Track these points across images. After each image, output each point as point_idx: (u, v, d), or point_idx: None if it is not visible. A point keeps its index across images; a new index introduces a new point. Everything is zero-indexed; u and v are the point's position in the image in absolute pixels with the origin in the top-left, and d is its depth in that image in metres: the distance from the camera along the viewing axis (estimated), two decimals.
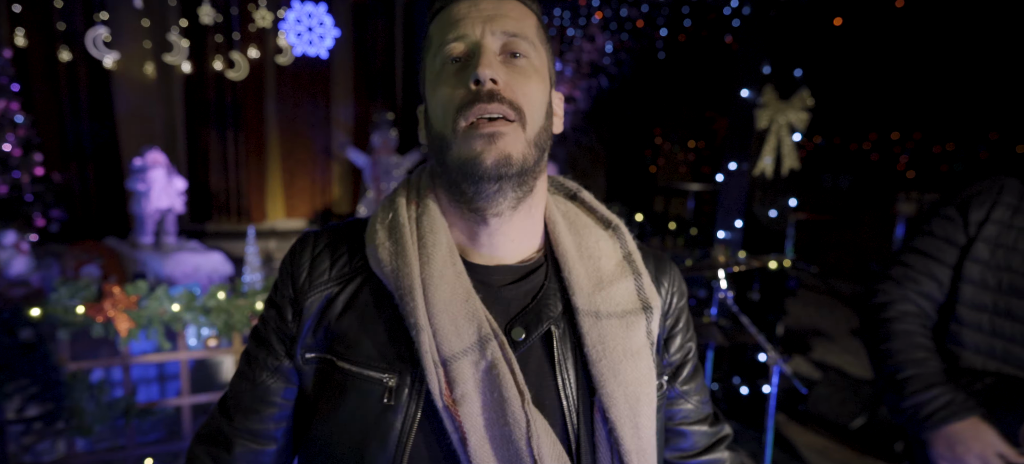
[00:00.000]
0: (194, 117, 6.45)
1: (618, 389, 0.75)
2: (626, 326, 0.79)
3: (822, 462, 3.43)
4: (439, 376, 0.70)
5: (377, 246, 0.77)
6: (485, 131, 0.71)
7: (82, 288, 2.27)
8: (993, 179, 1.40)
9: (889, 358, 1.37)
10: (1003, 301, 1.32)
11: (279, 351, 0.80)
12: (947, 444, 1.25)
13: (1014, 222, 1.32)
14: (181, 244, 5.07)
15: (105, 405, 2.31)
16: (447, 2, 0.79)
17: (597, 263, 0.82)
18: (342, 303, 0.78)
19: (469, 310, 0.73)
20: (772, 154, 3.70)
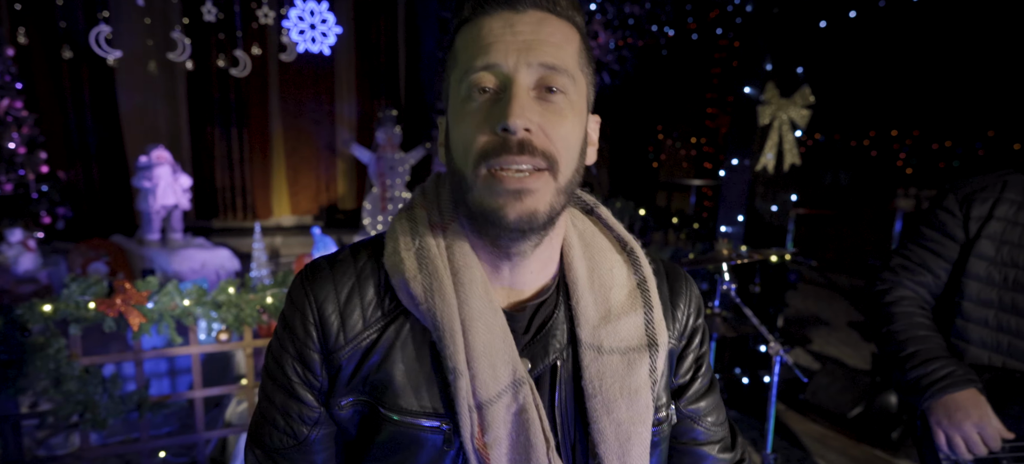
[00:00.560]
0: (198, 114, 6.48)
1: (610, 427, 0.74)
2: (627, 364, 0.76)
3: (821, 450, 3.48)
4: (473, 420, 0.69)
5: (408, 280, 0.71)
6: (511, 187, 0.65)
7: (93, 284, 2.30)
8: (997, 175, 1.42)
9: (892, 338, 1.42)
10: (1008, 297, 1.34)
11: (313, 403, 0.76)
12: (945, 412, 1.29)
13: (1019, 218, 1.34)
14: (188, 240, 5.11)
15: (118, 399, 2.35)
16: (478, 12, 0.69)
17: (607, 293, 0.79)
18: (380, 352, 0.73)
19: (506, 353, 0.71)
20: (774, 150, 3.74)
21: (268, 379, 0.78)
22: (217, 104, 6.49)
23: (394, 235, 0.76)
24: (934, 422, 1.32)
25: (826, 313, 6.35)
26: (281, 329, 0.77)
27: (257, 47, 6.37)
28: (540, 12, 0.68)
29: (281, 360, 0.76)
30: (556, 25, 0.69)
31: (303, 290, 0.75)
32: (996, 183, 1.39)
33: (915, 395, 1.35)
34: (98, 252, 4.56)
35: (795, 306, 6.37)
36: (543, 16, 0.68)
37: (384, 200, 6.03)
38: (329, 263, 0.77)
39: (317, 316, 0.74)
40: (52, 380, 2.22)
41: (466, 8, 0.70)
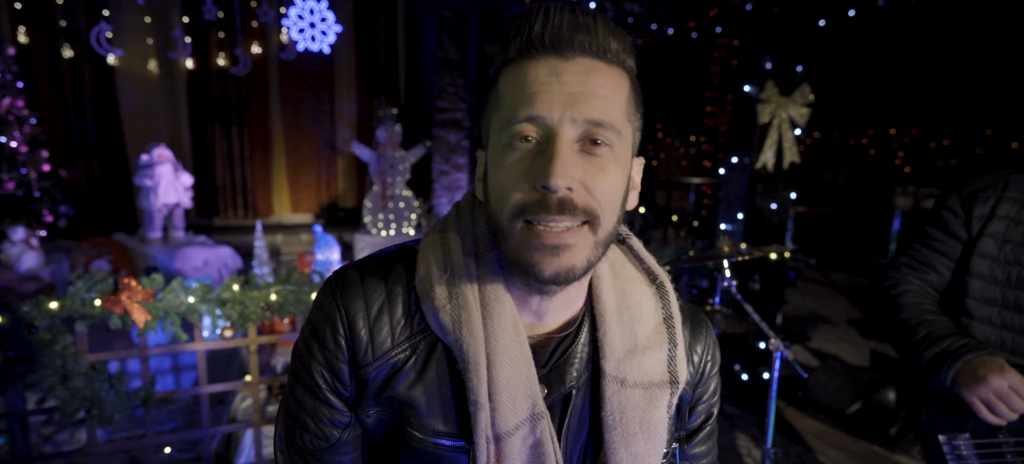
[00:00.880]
0: (198, 113, 6.49)
1: (626, 460, 0.75)
2: (649, 399, 0.77)
3: (820, 446, 3.51)
4: (490, 451, 0.70)
5: (437, 309, 0.72)
6: (549, 242, 0.64)
7: (98, 281, 2.32)
8: (999, 174, 1.43)
9: (904, 326, 1.42)
10: (1012, 295, 1.35)
11: (342, 408, 0.77)
12: (971, 375, 1.26)
13: (1021, 217, 1.35)
14: (189, 239, 5.13)
15: (124, 395, 2.37)
16: (524, 54, 0.66)
17: (634, 326, 0.78)
18: (408, 375, 0.73)
19: (527, 388, 0.71)
20: (773, 148, 3.76)
21: (297, 383, 0.78)
22: (217, 103, 6.50)
23: (426, 259, 0.75)
24: (965, 392, 1.27)
25: (825, 310, 6.38)
26: (309, 335, 0.77)
27: (257, 45, 6.38)
28: (589, 59, 0.65)
29: (310, 367, 0.76)
30: (605, 75, 0.66)
31: (334, 300, 0.75)
32: (998, 182, 1.40)
33: (936, 371, 1.32)
34: (100, 250, 4.57)
35: (794, 303, 6.40)
36: (592, 64, 0.65)
37: (385, 198, 6.05)
38: (359, 274, 0.77)
39: (347, 329, 0.74)
40: (59, 377, 2.24)
41: (512, 49, 0.67)
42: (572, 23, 0.64)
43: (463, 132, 7.12)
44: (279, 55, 6.62)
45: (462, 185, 7.26)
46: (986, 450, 1.32)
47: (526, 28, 0.65)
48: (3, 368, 2.12)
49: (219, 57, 6.30)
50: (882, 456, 3.39)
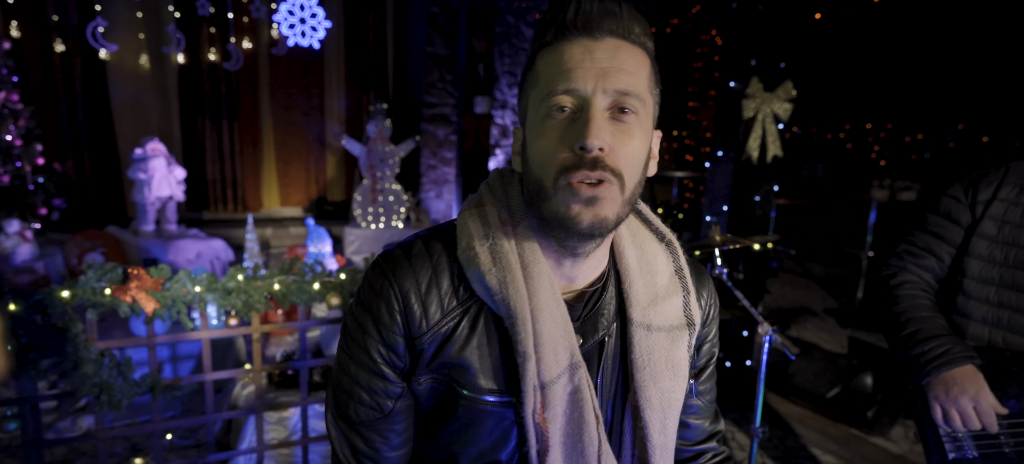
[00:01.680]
0: (189, 107, 6.48)
1: (656, 395, 0.84)
2: (671, 340, 0.87)
3: (801, 429, 3.67)
4: (536, 398, 0.78)
5: (483, 273, 0.79)
6: (585, 195, 0.72)
7: (108, 271, 2.38)
8: (1000, 164, 1.49)
9: (895, 319, 1.48)
10: (1009, 274, 1.40)
11: (396, 380, 0.84)
12: (943, 387, 1.35)
13: (1019, 200, 1.41)
14: (182, 231, 5.15)
15: (132, 382, 2.43)
16: (559, 37, 0.75)
17: (653, 278, 0.88)
18: (459, 340, 0.81)
19: (566, 339, 0.80)
20: (757, 142, 3.90)
21: (350, 360, 0.85)
22: (208, 97, 6.50)
23: (466, 230, 0.83)
24: (932, 397, 1.37)
25: (803, 300, 6.58)
26: (361, 313, 0.84)
27: (248, 41, 6.39)
28: (616, 40, 0.74)
29: (365, 343, 0.83)
30: (630, 52, 0.74)
31: (386, 279, 0.82)
32: (999, 169, 1.48)
33: (915, 371, 1.41)
34: (94, 243, 4.58)
35: (775, 293, 6.60)
36: (618, 44, 0.74)
37: (375, 192, 6.11)
38: (405, 254, 0.84)
39: (401, 304, 0.80)
40: (71, 364, 2.30)
41: (548, 33, 0.76)
42: (601, 9, 0.73)
43: (451, 127, 7.19)
44: (270, 50, 6.64)
45: (450, 179, 7.33)
46: (981, 433, 1.39)
47: (561, 15, 0.74)
48: (16, 355, 2.17)
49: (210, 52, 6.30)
50: (859, 438, 3.55)
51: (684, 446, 1.00)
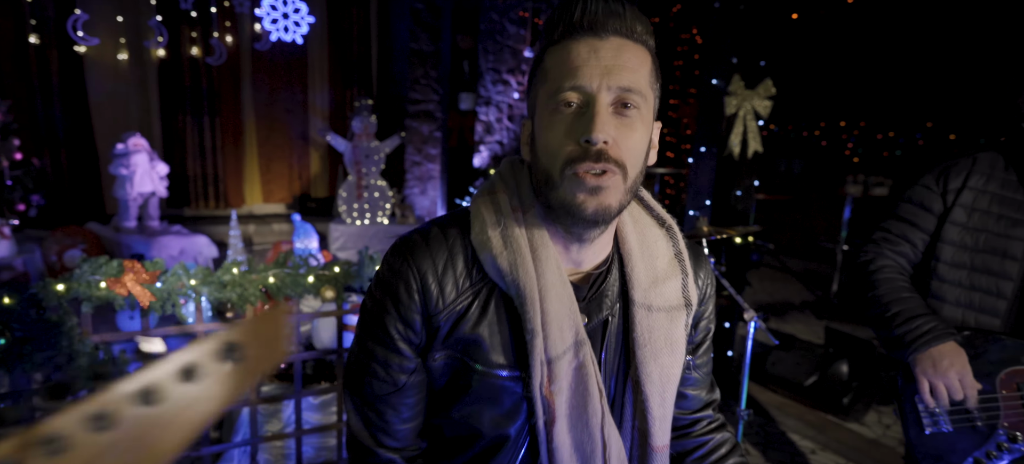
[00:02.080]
0: (169, 103, 6.39)
1: (656, 371, 0.90)
2: (670, 320, 0.92)
3: (780, 416, 3.80)
4: (543, 373, 0.84)
5: (495, 256, 0.85)
6: (590, 184, 0.78)
7: (103, 264, 2.38)
8: (968, 155, 1.58)
9: (877, 302, 1.55)
10: (980, 259, 1.49)
11: (411, 355, 0.89)
12: (932, 363, 1.43)
13: (987, 187, 1.50)
14: (165, 228, 5.10)
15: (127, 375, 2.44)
16: (567, 36, 0.80)
17: (654, 261, 0.94)
18: (472, 318, 0.86)
19: (571, 318, 0.85)
20: (739, 138, 4.01)
21: (368, 337, 0.91)
22: (189, 93, 6.42)
23: (480, 216, 0.89)
24: (920, 373, 1.44)
25: (782, 293, 6.76)
26: (381, 294, 0.89)
27: (230, 36, 6.33)
28: (620, 39, 0.79)
29: (383, 320, 0.88)
30: (633, 50, 0.79)
31: (405, 261, 0.87)
32: (968, 159, 1.56)
33: (901, 350, 1.48)
34: (74, 239, 4.52)
35: (755, 287, 6.76)
36: (622, 43, 0.79)
37: (360, 188, 6.11)
38: (423, 238, 0.89)
39: (420, 284, 0.86)
40: (65, 357, 2.30)
41: (556, 32, 0.81)
42: (606, 9, 0.78)
43: (436, 123, 7.20)
44: (253, 46, 6.58)
45: (434, 176, 7.35)
46: (956, 409, 1.47)
47: (568, 14, 0.79)
48: (11, 347, 2.17)
49: (192, 47, 6.23)
50: (835, 424, 3.69)
51: (682, 415, 1.07)
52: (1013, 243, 1.45)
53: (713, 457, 1.06)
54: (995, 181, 1.50)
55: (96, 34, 5.24)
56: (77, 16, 4.34)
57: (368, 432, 0.93)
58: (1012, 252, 1.45)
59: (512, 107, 7.61)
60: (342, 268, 2.84)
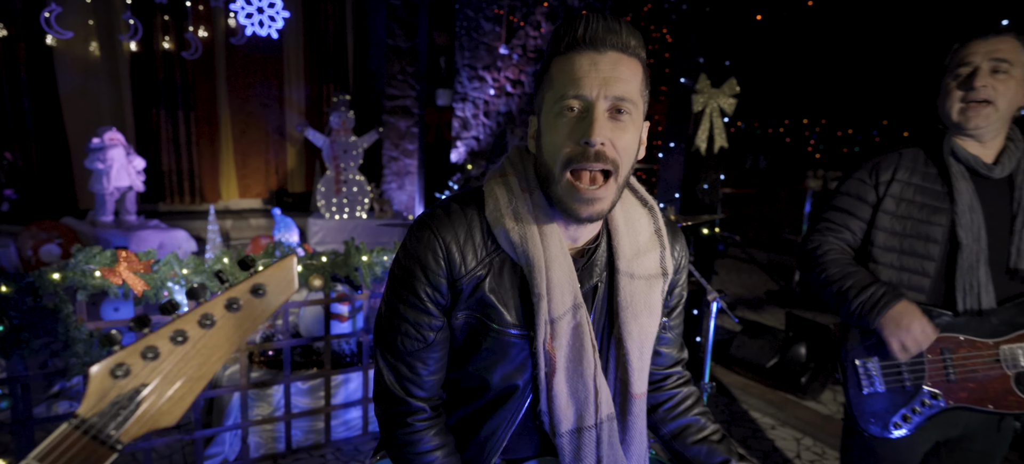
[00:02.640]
0: (142, 97, 6.34)
1: (636, 330, 1.05)
2: (649, 286, 1.06)
3: (743, 396, 4.03)
4: (547, 331, 0.99)
5: (508, 231, 0.98)
6: (586, 196, 0.91)
7: (97, 254, 2.45)
8: (895, 150, 1.76)
9: (830, 281, 1.70)
10: (907, 243, 1.66)
11: (438, 315, 1.03)
12: (895, 322, 1.56)
13: (912, 180, 1.68)
14: (143, 222, 5.10)
15: None
16: (571, 49, 0.91)
17: (637, 237, 1.08)
18: (489, 284, 1.00)
19: (570, 285, 0.99)
20: (705, 134, 4.22)
21: (399, 300, 1.03)
22: (162, 86, 6.38)
23: (494, 195, 1.02)
24: (888, 335, 1.57)
25: (747, 283, 7.06)
26: (410, 263, 1.01)
27: (204, 30, 6.32)
28: (616, 53, 0.91)
29: (413, 285, 1.01)
30: (627, 63, 0.91)
31: (432, 233, 1.00)
32: (895, 154, 1.74)
33: (863, 318, 1.62)
34: (50, 234, 4.51)
35: (723, 278, 7.05)
36: (618, 57, 0.91)
37: (338, 182, 6.17)
38: (445, 213, 1.02)
39: (445, 253, 0.99)
40: (61, 343, 2.36)
41: (562, 44, 0.93)
42: (605, 27, 0.90)
43: (413, 119, 7.29)
44: (228, 40, 6.56)
45: (412, 171, 7.43)
46: (889, 369, 1.67)
47: (573, 31, 0.91)
48: (8, 335, 2.23)
49: (165, 40, 6.19)
50: (794, 402, 3.93)
51: (656, 370, 1.23)
52: (933, 228, 1.64)
53: (681, 407, 1.23)
54: (918, 174, 1.69)
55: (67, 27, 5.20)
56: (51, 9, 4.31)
57: (400, 385, 1.06)
58: (933, 236, 1.64)
59: (488, 103, 7.74)
60: (329, 258, 2.95)
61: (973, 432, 1.72)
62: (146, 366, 0.64)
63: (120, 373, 0.63)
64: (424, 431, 1.06)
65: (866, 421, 1.70)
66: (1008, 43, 1.52)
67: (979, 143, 1.62)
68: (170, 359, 0.65)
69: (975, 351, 1.59)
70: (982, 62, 1.53)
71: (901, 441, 1.68)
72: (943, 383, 1.61)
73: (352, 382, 3.19)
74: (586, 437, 1.03)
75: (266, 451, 3.02)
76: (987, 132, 1.59)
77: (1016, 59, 1.52)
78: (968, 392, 1.60)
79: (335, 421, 3.16)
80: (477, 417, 1.09)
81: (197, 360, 0.67)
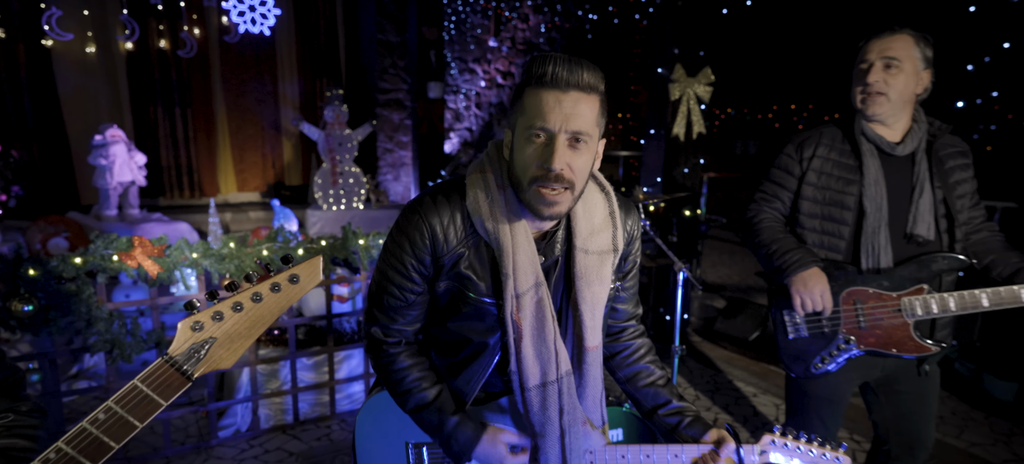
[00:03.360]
0: (139, 95, 6.49)
1: (589, 296, 1.25)
2: (601, 261, 1.26)
3: (729, 369, 4.25)
4: (513, 304, 1.19)
5: (483, 219, 1.18)
6: (548, 198, 1.11)
7: (114, 240, 2.63)
8: (816, 129, 2.00)
9: (762, 244, 1.96)
10: (826, 210, 1.92)
11: (419, 281, 1.24)
12: (802, 282, 1.82)
13: (830, 155, 1.92)
14: (145, 215, 5.27)
15: (140, 338, 2.70)
16: (540, 86, 1.09)
17: (592, 218, 1.27)
18: (466, 261, 1.20)
19: (533, 266, 1.20)
20: (683, 121, 4.42)
21: (389, 268, 1.25)
22: (159, 84, 6.52)
23: (474, 189, 1.21)
24: (794, 291, 1.84)
25: (732, 263, 7.29)
26: (400, 238, 1.22)
27: (198, 28, 6.46)
28: (577, 93, 1.09)
29: (402, 258, 1.22)
30: (586, 100, 1.10)
31: (420, 216, 1.20)
32: (816, 133, 1.98)
33: (780, 275, 1.88)
34: (57, 228, 4.66)
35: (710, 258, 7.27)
36: (579, 96, 1.09)
37: (335, 174, 6.34)
38: (432, 200, 1.22)
39: (430, 233, 1.20)
40: (84, 322, 2.55)
41: (532, 80, 1.11)
42: (567, 70, 1.09)
43: (405, 111, 7.45)
44: (222, 38, 6.71)
45: (407, 162, 7.61)
46: (811, 318, 1.91)
47: (542, 71, 1.10)
48: (37, 314, 2.41)
49: (160, 39, 6.33)
50: (776, 372, 4.15)
51: (614, 323, 1.45)
52: (847, 197, 1.88)
53: (634, 356, 1.44)
54: (835, 150, 1.93)
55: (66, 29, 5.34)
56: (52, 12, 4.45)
57: (381, 330, 1.30)
58: (847, 204, 1.88)
59: (479, 95, 7.91)
60: (328, 242, 3.14)
61: (895, 375, 1.97)
62: (215, 325, 0.88)
63: (197, 328, 0.87)
64: (398, 355, 1.30)
65: (791, 363, 1.95)
66: (900, 41, 1.77)
67: (884, 125, 1.85)
68: (230, 322, 0.89)
69: (881, 302, 1.84)
70: (876, 59, 1.80)
71: (826, 379, 1.94)
72: (855, 330, 1.86)
73: (354, 358, 3.39)
74: (550, 390, 1.24)
75: (275, 423, 3.22)
76: (886, 117, 1.83)
77: (906, 55, 1.77)
78: (875, 338, 1.85)
79: (339, 395, 3.36)
80: (456, 368, 1.31)
81: (248, 325, 0.91)
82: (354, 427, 1.39)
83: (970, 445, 3.24)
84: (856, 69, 1.88)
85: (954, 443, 3.23)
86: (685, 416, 1.35)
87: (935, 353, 1.85)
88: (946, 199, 1.87)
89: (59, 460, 0.76)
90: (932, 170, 1.87)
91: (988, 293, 1.77)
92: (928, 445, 2.05)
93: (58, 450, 0.76)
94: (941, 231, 1.88)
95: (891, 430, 2.05)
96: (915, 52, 1.80)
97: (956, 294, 1.78)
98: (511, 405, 1.31)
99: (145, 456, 2.91)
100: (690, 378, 4.13)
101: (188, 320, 0.85)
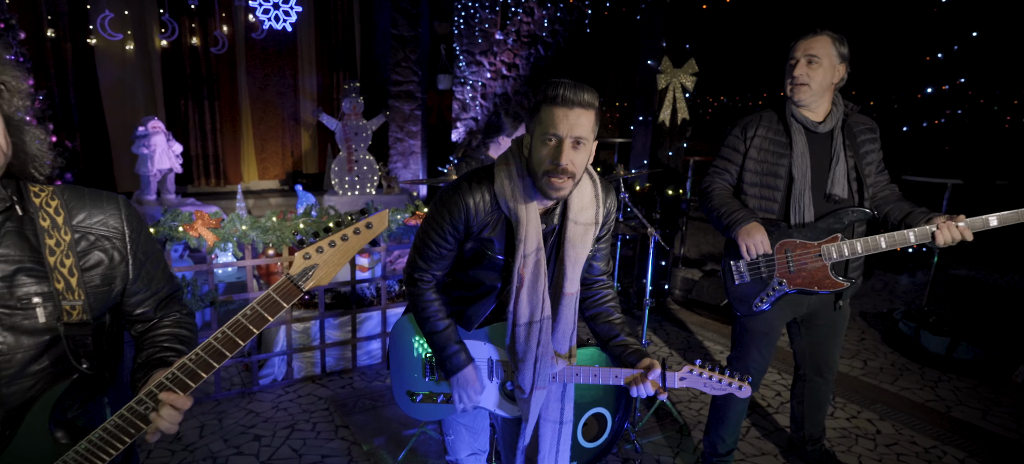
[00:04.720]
0: (172, 89, 7.03)
1: (573, 254, 1.65)
2: (585, 230, 1.65)
3: (702, 332, 4.74)
4: (521, 261, 1.60)
5: (507, 199, 1.57)
6: (557, 185, 1.48)
7: (178, 214, 3.16)
8: (758, 112, 2.43)
9: (713, 209, 2.39)
10: (763, 179, 2.35)
11: (452, 243, 1.65)
12: (746, 232, 2.25)
13: (767, 134, 2.35)
14: (180, 200, 5.82)
15: (198, 298, 3.23)
16: (552, 104, 1.45)
17: (582, 198, 1.64)
18: (489, 229, 1.60)
19: (537, 236, 1.59)
20: (669, 108, 4.89)
21: (431, 230, 1.65)
22: (190, 79, 7.06)
23: (500, 175, 1.59)
24: (740, 241, 2.27)
25: (711, 241, 7.75)
26: (442, 210, 1.62)
27: (227, 25, 6.98)
28: (580, 110, 1.44)
29: (441, 224, 1.62)
30: (586, 115, 1.46)
31: (459, 195, 1.60)
32: (757, 116, 2.41)
33: (728, 230, 2.31)
34: None
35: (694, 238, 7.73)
36: (581, 111, 1.44)
37: (350, 162, 6.86)
38: (468, 184, 1.61)
39: (466, 209, 1.60)
40: None
41: (547, 99, 1.47)
42: (573, 91, 1.45)
43: (416, 102, 7.94)
44: (249, 34, 7.23)
45: (416, 151, 8.11)
46: (752, 266, 2.37)
47: (555, 92, 1.45)
48: None
49: (193, 37, 6.87)
50: None
51: (589, 276, 1.91)
52: (780, 168, 2.33)
53: (601, 301, 1.90)
54: (772, 130, 2.36)
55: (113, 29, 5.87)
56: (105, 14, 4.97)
57: (417, 271, 1.78)
58: (780, 173, 2.33)
59: (486, 86, 8.39)
60: (353, 216, 3.66)
61: (817, 311, 2.45)
62: (318, 256, 1.20)
63: (307, 257, 1.19)
64: (426, 291, 1.78)
65: (737, 304, 2.43)
66: (820, 41, 2.22)
67: (808, 109, 2.31)
68: (328, 253, 1.20)
69: (806, 250, 2.30)
70: (801, 56, 2.24)
71: (764, 316, 2.40)
72: (787, 273, 2.32)
73: (373, 319, 3.92)
74: (533, 328, 1.71)
75: (306, 374, 3.76)
76: (810, 102, 2.28)
77: (825, 52, 2.22)
78: (802, 278, 2.32)
79: (360, 351, 3.89)
80: (467, 301, 1.80)
81: (339, 256, 1.22)
82: (393, 332, 1.89)
83: (901, 389, 3.73)
84: (786, 64, 2.30)
85: (889, 388, 3.72)
86: (628, 347, 1.77)
87: (847, 287, 2.31)
88: (857, 166, 2.31)
89: (222, 338, 1.09)
90: (846, 143, 2.31)
91: (885, 236, 2.22)
92: (834, 367, 2.56)
93: (223, 332, 1.09)
94: (853, 191, 2.32)
95: (806, 355, 2.56)
96: (832, 50, 2.22)
97: (862, 240, 2.24)
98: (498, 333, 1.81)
99: (200, 399, 3.46)
100: (667, 339, 4.62)
101: (302, 251, 1.17)
